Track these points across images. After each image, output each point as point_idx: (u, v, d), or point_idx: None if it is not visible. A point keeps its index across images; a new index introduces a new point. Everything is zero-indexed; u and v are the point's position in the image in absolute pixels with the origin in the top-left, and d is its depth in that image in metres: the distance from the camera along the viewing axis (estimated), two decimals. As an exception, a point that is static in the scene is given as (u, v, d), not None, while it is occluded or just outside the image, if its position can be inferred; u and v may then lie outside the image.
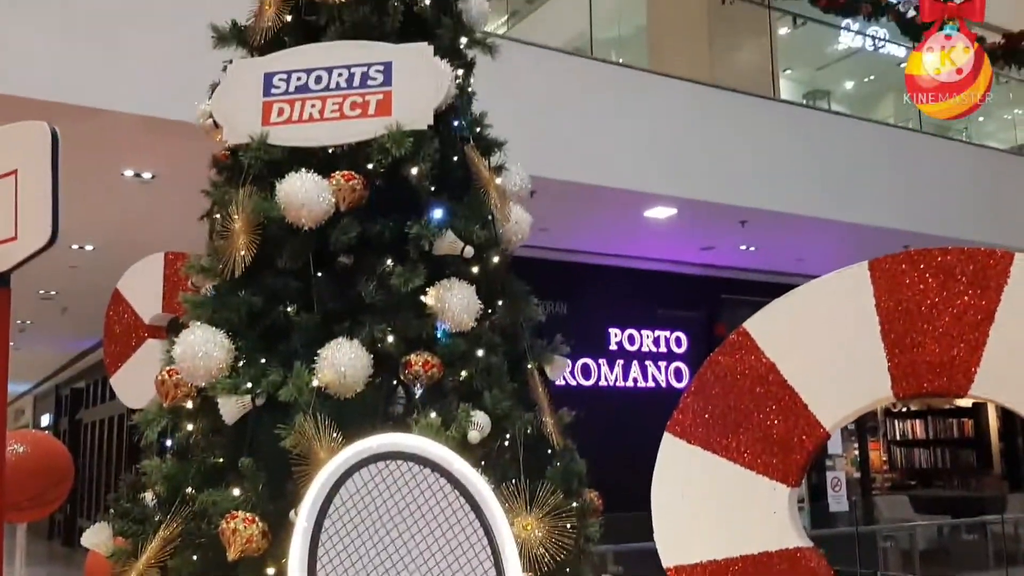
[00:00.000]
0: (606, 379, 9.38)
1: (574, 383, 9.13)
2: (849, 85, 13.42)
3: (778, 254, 9.63)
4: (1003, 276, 2.11)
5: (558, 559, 2.37)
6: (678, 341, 9.90)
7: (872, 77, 13.32)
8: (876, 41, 11.03)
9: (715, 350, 2.37)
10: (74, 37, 5.48)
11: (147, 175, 6.75)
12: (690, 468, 2.31)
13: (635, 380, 9.54)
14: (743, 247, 9.46)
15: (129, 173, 6.74)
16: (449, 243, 2.69)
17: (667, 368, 9.79)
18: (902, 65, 11.61)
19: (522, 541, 2.38)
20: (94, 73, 5.48)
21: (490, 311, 2.83)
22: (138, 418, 2.59)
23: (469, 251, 2.73)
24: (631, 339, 9.68)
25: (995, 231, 9.20)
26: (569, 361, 8.91)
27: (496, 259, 2.88)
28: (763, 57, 9.95)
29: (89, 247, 8.61)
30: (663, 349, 9.81)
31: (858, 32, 10.83)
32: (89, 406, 16.56)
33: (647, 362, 9.70)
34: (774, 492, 2.24)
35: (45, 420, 22.48)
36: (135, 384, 5.00)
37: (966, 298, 2.12)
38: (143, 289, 5.06)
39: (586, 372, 9.30)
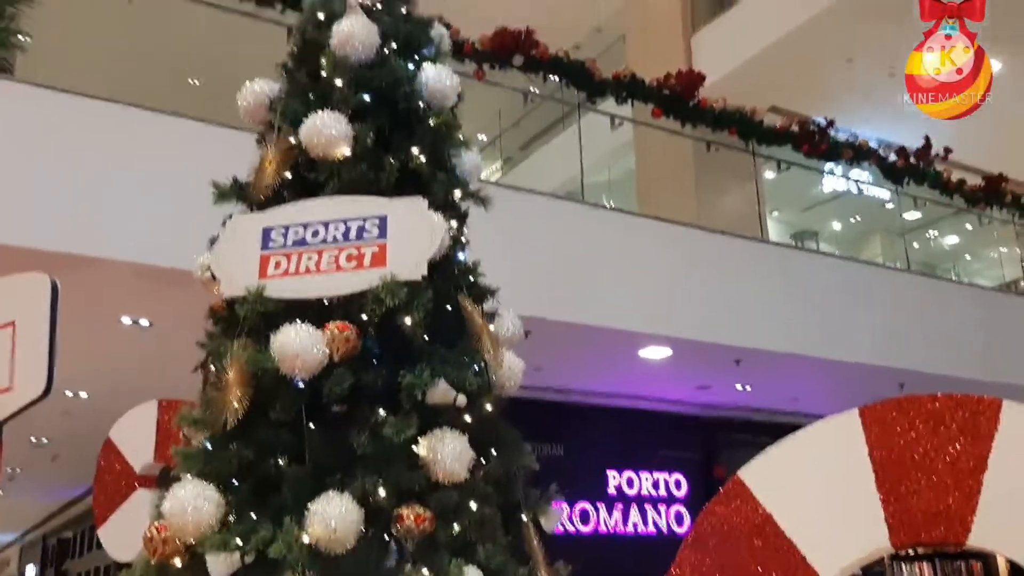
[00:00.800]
0: (605, 524, 9.17)
1: (573, 530, 8.92)
2: (836, 226, 13.74)
3: (774, 393, 9.60)
4: (993, 423, 2.13)
5: None
6: (677, 484, 9.74)
7: (858, 218, 13.65)
8: (859, 184, 11.36)
9: (712, 499, 2.35)
10: (74, 186, 5.61)
11: (144, 323, 6.80)
12: (689, 625, 2.25)
13: (635, 525, 9.33)
14: (739, 386, 9.44)
15: (127, 321, 6.79)
16: (442, 392, 2.70)
17: (667, 512, 9.59)
18: (887, 206, 11.95)
19: None
20: (94, 222, 5.60)
21: (483, 460, 2.82)
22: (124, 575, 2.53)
23: (462, 400, 2.73)
24: (630, 482, 9.51)
25: (989, 369, 9.22)
26: (565, 507, 8.67)
27: (489, 407, 2.89)
28: (750, 200, 10.23)
29: (83, 394, 8.57)
30: (663, 492, 9.64)
31: (842, 176, 11.17)
32: (75, 557, 16.06)
33: (647, 506, 9.51)
34: (776, 649, 2.17)
35: (31, 571, 21.76)
36: (123, 536, 4.90)
37: (958, 445, 2.13)
38: (135, 437, 5.04)
39: (585, 517, 9.10)
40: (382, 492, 2.54)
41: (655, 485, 9.63)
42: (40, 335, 3.37)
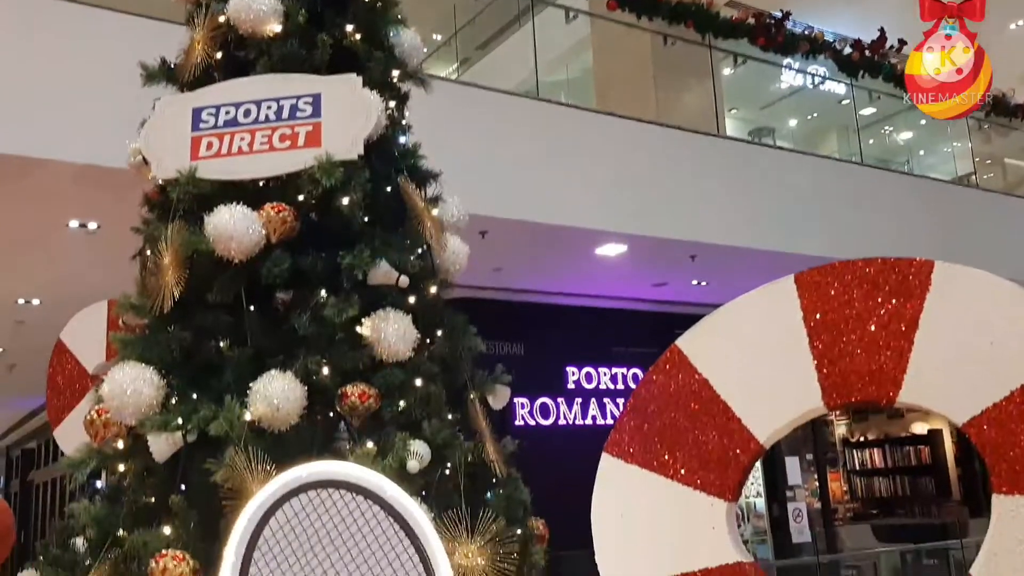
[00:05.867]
0: (565, 418, 9.36)
1: (533, 423, 9.09)
2: (793, 123, 13.71)
3: (730, 288, 9.62)
4: (925, 284, 2.15)
5: (501, 586, 2.33)
6: (635, 377, 9.92)
7: (815, 115, 13.62)
8: (815, 79, 11.31)
9: (650, 369, 2.38)
10: (14, 86, 5.43)
11: (92, 225, 6.67)
12: (629, 487, 2.30)
13: (594, 418, 9.53)
14: (695, 282, 9.54)
15: (74, 224, 6.66)
16: (384, 273, 2.68)
17: (625, 405, 9.78)
18: (843, 102, 11.93)
19: (464, 569, 2.34)
20: (33, 123, 5.43)
21: (428, 341, 2.82)
22: (65, 461, 2.52)
23: (404, 280, 2.72)
24: (588, 377, 9.68)
25: (942, 260, 9.37)
26: (526, 402, 8.74)
27: (433, 289, 2.88)
28: (708, 97, 10.15)
29: (35, 301, 8.45)
30: (620, 386, 9.82)
31: (799, 70, 11.10)
32: (40, 466, 16.13)
33: (605, 399, 9.70)
34: (712, 508, 2.23)
35: (-5, 483, 21.89)
36: (79, 437, 4.88)
37: (890, 306, 2.16)
38: (86, 338, 4.96)
39: (545, 411, 9.26)
40: (325, 371, 2.53)
41: (613, 379, 9.80)
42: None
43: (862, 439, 13.82)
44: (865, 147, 11.43)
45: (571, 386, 9.58)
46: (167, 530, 2.28)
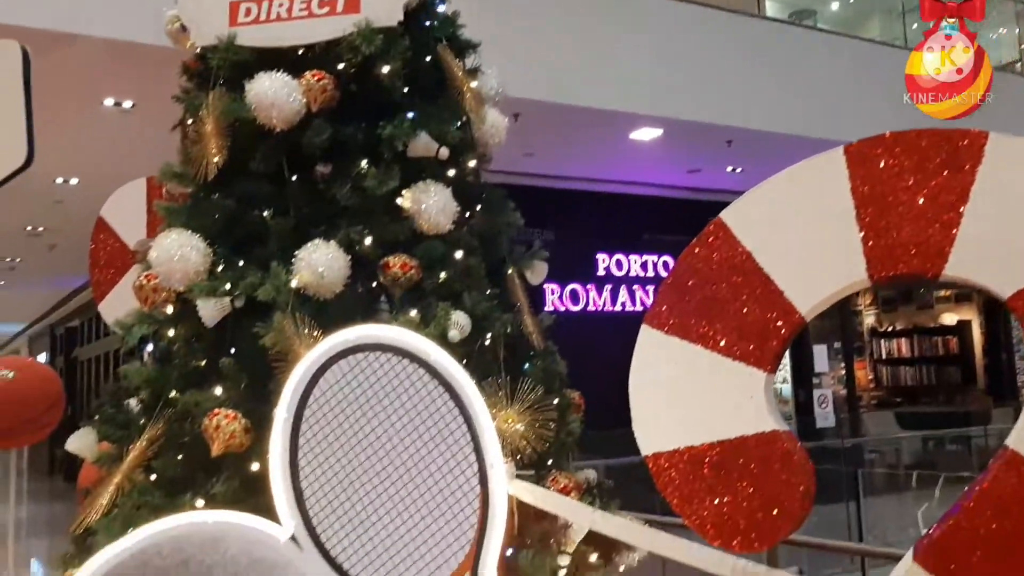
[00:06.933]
0: (595, 304, 9.44)
1: (563, 308, 9.18)
2: (835, 6, 13.25)
3: (764, 176, 9.52)
4: (978, 156, 2.10)
5: (539, 450, 2.40)
6: (666, 265, 9.94)
7: (858, -3, 13.15)
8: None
9: (692, 242, 2.37)
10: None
11: (127, 104, 6.66)
12: (667, 357, 2.32)
13: (623, 304, 9.60)
14: (729, 169, 9.42)
15: (109, 102, 6.66)
16: (424, 144, 2.67)
17: (654, 292, 9.82)
18: (888, -17, 11.47)
19: (504, 434, 2.40)
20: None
21: (468, 214, 2.83)
22: (117, 323, 2.59)
23: (444, 152, 2.71)
24: (619, 264, 9.71)
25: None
26: (556, 288, 8.81)
27: (472, 162, 2.87)
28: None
29: (74, 180, 8.54)
30: (651, 273, 9.86)
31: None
32: (84, 344, 16.60)
33: (635, 286, 9.75)
34: (751, 377, 2.25)
35: (41, 360, 22.62)
36: (124, 310, 4.98)
37: (941, 179, 2.12)
38: (127, 214, 5.01)
39: (575, 298, 9.34)
40: (367, 242, 2.55)
41: (643, 267, 9.82)
42: (16, 103, 3.26)
43: (890, 329, 13.86)
44: (909, 32, 11.05)
45: (601, 273, 9.62)
46: (218, 391, 2.35)
